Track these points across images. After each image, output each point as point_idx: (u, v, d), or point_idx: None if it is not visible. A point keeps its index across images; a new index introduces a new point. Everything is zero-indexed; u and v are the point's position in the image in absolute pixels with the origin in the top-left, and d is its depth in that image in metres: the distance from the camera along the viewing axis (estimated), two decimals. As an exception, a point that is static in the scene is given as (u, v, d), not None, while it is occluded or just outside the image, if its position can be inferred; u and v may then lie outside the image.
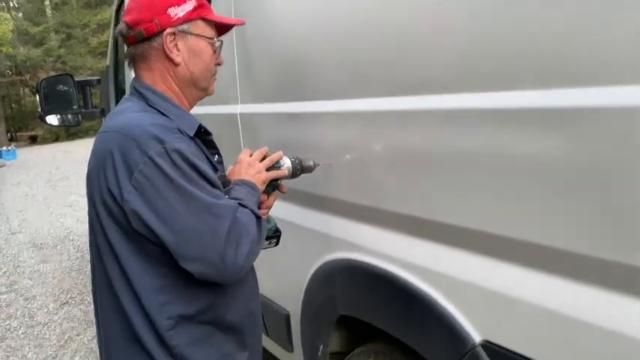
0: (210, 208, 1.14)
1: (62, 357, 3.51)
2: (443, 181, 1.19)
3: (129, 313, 1.19)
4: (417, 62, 1.21)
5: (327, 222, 1.65)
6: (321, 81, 1.57)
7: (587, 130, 0.88)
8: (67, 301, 4.44)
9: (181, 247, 1.13)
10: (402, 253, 1.35)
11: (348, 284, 1.57)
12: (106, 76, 4.21)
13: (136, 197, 1.12)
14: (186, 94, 1.33)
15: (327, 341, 1.70)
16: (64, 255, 5.75)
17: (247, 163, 1.40)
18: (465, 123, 1.11)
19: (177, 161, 1.13)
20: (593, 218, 0.90)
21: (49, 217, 7.61)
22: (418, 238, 1.30)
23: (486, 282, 1.12)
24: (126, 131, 1.15)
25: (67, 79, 3.91)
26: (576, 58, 0.89)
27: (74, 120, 4.05)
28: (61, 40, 22.59)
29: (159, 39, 1.26)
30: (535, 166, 0.98)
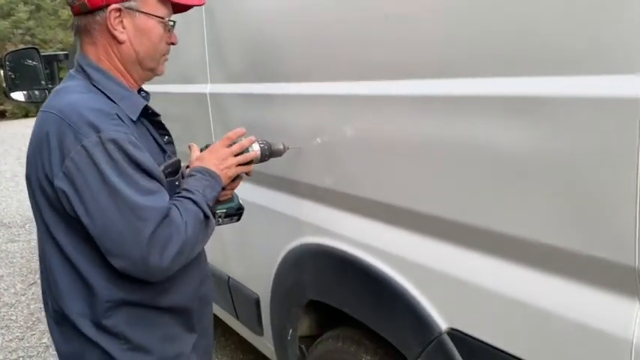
0: (136, 209, 1.10)
1: (29, 338, 3.45)
2: (413, 168, 1.18)
3: (67, 294, 1.18)
4: (390, 46, 1.19)
5: (298, 206, 1.63)
6: (293, 62, 1.53)
7: (563, 121, 0.87)
8: (35, 282, 4.36)
9: (104, 240, 1.11)
10: (371, 239, 1.34)
11: (318, 269, 1.56)
12: (74, 51, 4.08)
13: (65, 184, 1.09)
14: (131, 73, 1.26)
15: (297, 325, 1.69)
16: (32, 234, 5.62)
17: (220, 156, 1.34)
18: (437, 109, 1.10)
19: (112, 152, 1.09)
20: (559, 208, 0.90)
21: (17, 195, 7.43)
22: (387, 225, 1.29)
23: (454, 270, 1.12)
24: (64, 115, 1.10)
25: (33, 53, 3.78)
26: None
27: (41, 96, 3.93)
28: (29, 11, 21.86)
29: (102, 13, 1.18)
30: (504, 153, 0.97)
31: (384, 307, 1.29)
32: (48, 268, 1.20)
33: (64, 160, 1.08)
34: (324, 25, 1.38)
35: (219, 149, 1.36)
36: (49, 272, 1.21)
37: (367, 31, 1.24)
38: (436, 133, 1.10)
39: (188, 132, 2.01)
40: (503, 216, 1.00)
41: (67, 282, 1.18)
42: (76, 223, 1.13)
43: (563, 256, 0.91)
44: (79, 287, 1.17)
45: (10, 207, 6.83)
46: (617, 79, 0.78)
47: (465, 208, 1.07)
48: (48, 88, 3.93)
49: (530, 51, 0.90)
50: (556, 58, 0.87)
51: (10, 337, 3.48)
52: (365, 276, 1.34)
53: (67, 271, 1.17)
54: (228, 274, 2.14)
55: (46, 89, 3.92)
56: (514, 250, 1.00)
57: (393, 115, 1.21)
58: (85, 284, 1.17)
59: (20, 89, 3.85)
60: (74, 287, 1.18)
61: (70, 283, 1.18)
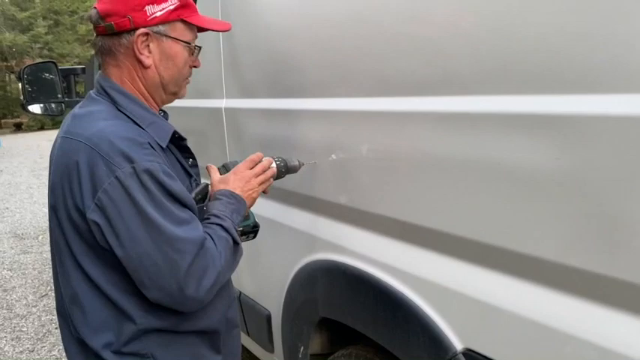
0: (173, 241, 1.07)
1: (40, 350, 3.45)
2: (429, 186, 1.16)
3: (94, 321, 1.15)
4: (407, 63, 1.19)
5: (311, 222, 1.62)
6: (309, 78, 1.53)
7: (580, 138, 0.86)
8: (47, 294, 4.37)
9: (139, 273, 1.09)
10: (386, 257, 1.32)
11: (331, 286, 1.54)
12: (92, 65, 4.14)
13: (98, 216, 1.06)
14: (154, 97, 1.24)
15: (308, 343, 1.67)
16: (45, 246, 5.66)
17: (244, 178, 1.33)
18: (455, 127, 1.09)
19: (147, 183, 1.06)
20: (579, 229, 0.88)
21: (31, 207, 7.49)
22: (403, 243, 1.28)
23: (470, 290, 1.10)
24: (93, 144, 1.07)
25: (51, 66, 3.83)
26: (572, 65, 0.87)
27: (57, 109, 3.97)
28: (48, 26, 22.27)
29: (129, 37, 1.16)
30: (524, 173, 0.95)
31: (399, 326, 1.27)
32: (73, 296, 1.16)
33: (96, 192, 1.05)
34: (341, 40, 1.38)
35: (243, 171, 1.34)
36: (74, 300, 1.16)
37: (384, 46, 1.24)
38: (454, 151, 1.09)
39: (202, 146, 2.01)
40: (521, 235, 0.98)
41: (95, 308, 1.14)
42: (107, 254, 1.10)
43: (581, 277, 0.89)
44: (108, 314, 1.14)
45: (24, 218, 6.88)
46: (637, 98, 0.77)
47: (483, 226, 1.05)
48: (64, 101, 3.97)
49: (549, 69, 0.89)
50: (575, 76, 0.86)
51: (21, 349, 3.48)
52: (379, 294, 1.32)
53: (97, 298, 1.14)
54: (239, 290, 2.13)
55: (62, 102, 3.96)
56: (532, 271, 0.98)
57: (409, 131, 1.20)
58: (116, 311, 1.14)
59: (37, 102, 3.89)
60: (103, 314, 1.14)
61: (98, 310, 1.14)
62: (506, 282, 1.03)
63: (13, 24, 22.33)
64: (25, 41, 21.64)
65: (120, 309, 1.14)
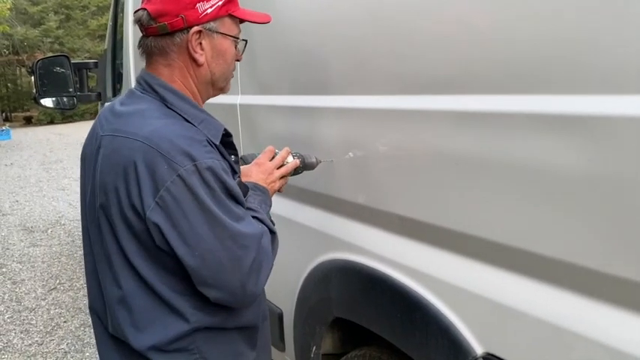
0: (238, 237, 1.09)
1: (48, 344, 3.46)
2: (448, 185, 1.14)
3: (143, 319, 1.14)
4: (424, 61, 1.17)
5: (326, 220, 1.60)
6: (325, 75, 1.52)
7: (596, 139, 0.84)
8: (56, 287, 4.39)
9: (201, 272, 1.08)
10: (403, 257, 1.30)
11: (345, 286, 1.52)
12: (104, 60, 4.13)
13: (159, 215, 1.05)
14: (202, 93, 1.24)
15: (320, 342, 1.66)
16: (54, 239, 5.68)
17: (266, 170, 1.36)
18: (475, 126, 1.07)
19: (209, 181, 1.06)
20: (601, 232, 0.86)
21: (40, 200, 7.53)
22: (421, 243, 1.26)
23: (491, 292, 1.08)
24: (152, 143, 1.06)
25: (64, 60, 3.82)
26: (582, 65, 0.84)
27: (69, 103, 3.97)
28: (59, 20, 22.37)
29: (183, 35, 1.16)
30: (544, 173, 0.93)
31: (416, 327, 1.25)
32: (121, 296, 1.14)
33: (158, 190, 1.04)
34: (358, 37, 1.36)
35: (264, 163, 1.37)
36: (121, 300, 1.14)
37: (402, 44, 1.22)
38: (473, 151, 1.06)
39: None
40: (543, 238, 0.96)
41: (146, 308, 1.13)
42: (162, 254, 1.09)
43: (605, 281, 0.87)
44: (159, 314, 1.13)
45: (33, 212, 6.92)
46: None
47: (504, 228, 1.03)
48: (77, 95, 3.97)
49: (575, 68, 0.87)
50: (600, 76, 0.83)
51: (30, 342, 3.49)
52: (396, 295, 1.30)
53: (148, 298, 1.13)
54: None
55: (74, 96, 3.96)
56: (554, 274, 0.96)
57: (427, 130, 1.18)
58: (168, 310, 1.13)
59: (49, 96, 3.89)
60: (153, 314, 1.13)
61: (149, 310, 1.13)
62: (528, 285, 1.01)
63: (25, 18, 22.47)
64: (37, 35, 21.77)
65: (172, 307, 1.13)
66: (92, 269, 1.23)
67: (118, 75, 3.78)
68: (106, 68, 4.05)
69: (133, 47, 3.19)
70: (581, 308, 0.92)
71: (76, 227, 5.99)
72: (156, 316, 1.13)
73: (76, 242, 5.50)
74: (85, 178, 1.23)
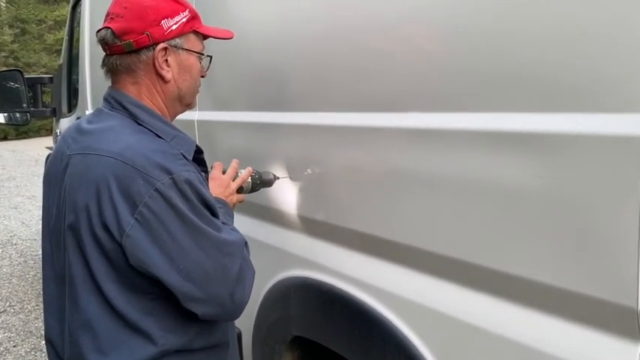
0: (222, 246, 1.09)
1: (-4, 370, 3.30)
2: (406, 202, 1.15)
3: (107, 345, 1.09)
4: (384, 78, 1.18)
5: (285, 237, 1.59)
6: (283, 92, 1.52)
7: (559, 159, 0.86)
8: (5, 310, 4.20)
9: (187, 286, 1.06)
10: (362, 273, 1.30)
11: (304, 303, 1.51)
12: (59, 75, 4.04)
13: (140, 232, 1.03)
14: (170, 110, 1.24)
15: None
16: (5, 260, 5.45)
17: (222, 183, 1.36)
18: (428, 142, 1.08)
19: (188, 193, 1.06)
20: (558, 247, 0.88)
21: (-9, 219, 7.22)
22: (379, 259, 1.26)
23: (447, 309, 1.09)
24: (126, 159, 1.04)
25: (16, 75, 3.73)
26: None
27: (22, 119, 3.87)
28: (14, 34, 21.79)
29: (149, 53, 1.16)
30: (503, 190, 0.95)
31: (374, 345, 1.25)
32: (84, 320, 1.09)
33: (136, 207, 1.02)
34: (318, 54, 1.37)
35: (219, 176, 1.37)
36: (85, 325, 1.10)
37: (362, 61, 1.23)
38: (432, 168, 1.08)
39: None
40: (500, 254, 0.97)
41: (110, 332, 1.09)
42: (132, 274, 1.06)
43: (561, 297, 0.89)
44: (125, 338, 1.09)
45: (-18, 231, 6.62)
46: (619, 118, 0.77)
47: (461, 244, 1.04)
48: (30, 111, 3.87)
49: (532, 86, 0.89)
50: (558, 94, 0.86)
51: (-25, 369, 3.32)
52: (354, 312, 1.30)
53: (113, 321, 1.09)
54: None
55: (28, 112, 3.85)
56: (511, 290, 0.97)
57: (386, 147, 1.19)
58: (135, 333, 1.09)
59: (1, 111, 3.78)
60: (118, 338, 1.09)
61: (113, 334, 1.09)
62: (486, 301, 1.02)
63: (-22, 31, 21.75)
64: (-10, 49, 21.07)
65: (139, 330, 1.09)
66: (53, 294, 1.18)
67: (74, 90, 3.69)
68: (62, 83, 3.96)
69: (90, 62, 3.13)
70: (541, 324, 0.93)
71: (29, 247, 5.77)
72: (122, 339, 1.09)
73: (28, 263, 5.30)
74: (49, 200, 1.19)
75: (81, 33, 3.31)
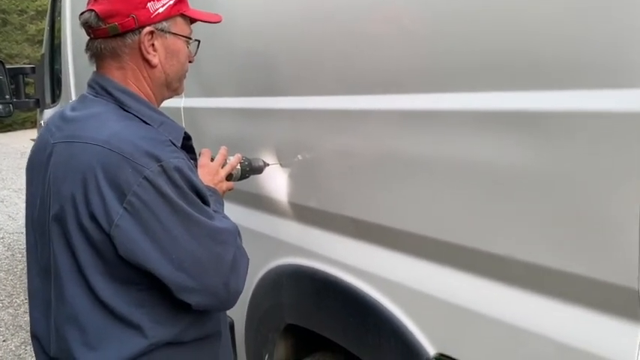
0: (215, 234, 1.07)
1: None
2: (398, 186, 1.13)
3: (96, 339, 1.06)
4: (373, 59, 1.15)
5: (277, 225, 1.57)
6: (272, 76, 1.48)
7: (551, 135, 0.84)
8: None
9: (180, 277, 1.03)
10: (355, 260, 1.29)
11: (297, 291, 1.49)
12: (42, 65, 3.96)
13: (129, 222, 1.00)
14: (157, 96, 1.20)
15: (273, 350, 1.61)
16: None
17: (211, 171, 1.33)
18: (426, 125, 1.06)
19: (177, 181, 1.03)
20: (558, 229, 0.86)
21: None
22: (372, 245, 1.24)
23: (443, 293, 1.07)
24: (113, 147, 1.01)
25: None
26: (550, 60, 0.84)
27: (5, 110, 3.79)
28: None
29: (134, 36, 1.11)
30: (500, 171, 0.93)
31: (369, 331, 1.23)
32: (71, 314, 1.06)
33: (124, 196, 0.99)
34: (306, 36, 1.34)
35: (207, 164, 1.34)
36: (71, 319, 1.06)
37: (351, 42, 1.20)
38: (426, 150, 1.06)
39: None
40: (498, 237, 0.95)
41: (98, 326, 1.05)
42: (121, 266, 1.03)
43: (561, 279, 0.87)
44: (113, 331, 1.05)
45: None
46: (621, 93, 0.75)
47: (457, 228, 1.02)
48: (13, 102, 3.80)
49: (529, 63, 0.86)
50: (556, 70, 0.83)
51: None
52: (348, 299, 1.28)
53: (101, 314, 1.05)
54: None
55: (10, 103, 3.78)
56: (508, 273, 0.96)
57: (379, 130, 1.17)
58: (124, 326, 1.05)
59: (-18, 102, 3.70)
60: (107, 331, 1.05)
61: (102, 328, 1.05)
62: (480, 285, 1.01)
63: (-42, 23, 21.36)
64: (-29, 41, 20.71)
65: (129, 323, 1.06)
66: (38, 287, 1.15)
67: (57, 81, 3.63)
68: (45, 74, 3.88)
69: (72, 52, 3.06)
70: (539, 307, 0.91)
71: (16, 240, 5.70)
72: (111, 333, 1.06)
73: (15, 256, 5.23)
74: (32, 191, 1.15)
75: (62, 22, 3.24)
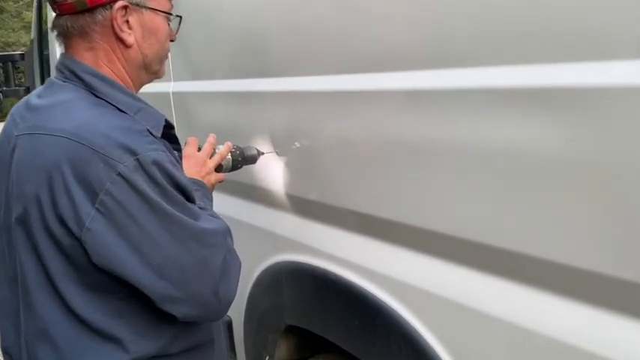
0: (201, 236, 0.96)
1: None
2: (408, 177, 1.02)
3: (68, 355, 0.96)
4: (375, 34, 1.04)
5: (274, 218, 1.46)
6: (267, 56, 1.36)
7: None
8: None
9: (162, 285, 0.92)
10: (360, 257, 1.18)
11: (297, 290, 1.39)
12: (31, 51, 3.84)
13: (103, 225, 0.89)
14: (134, 79, 1.07)
15: (274, 352, 1.52)
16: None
17: (198, 162, 1.21)
18: (435, 105, 0.94)
19: (156, 176, 0.91)
20: (581, 222, 0.76)
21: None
22: (381, 242, 1.13)
23: (459, 296, 0.97)
24: (82, 139, 0.89)
25: (-16, 53, 3.54)
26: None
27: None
28: (-9, 13, 21.23)
29: (106, 12, 0.99)
30: (522, 160, 0.82)
31: (377, 336, 1.13)
32: (42, 329, 0.96)
33: (96, 195, 0.88)
34: (301, 11, 1.21)
35: (193, 154, 1.22)
36: (42, 334, 0.96)
37: (350, 16, 1.08)
38: (437, 135, 0.94)
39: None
40: (515, 232, 0.85)
41: (72, 340, 0.95)
42: (95, 273, 0.92)
43: (585, 280, 0.78)
44: (90, 345, 0.95)
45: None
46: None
47: (475, 223, 0.91)
48: (2, 90, 3.70)
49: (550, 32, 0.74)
50: (588, 39, 0.71)
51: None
52: (353, 300, 1.18)
53: (75, 328, 0.95)
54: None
55: (0, 92, 3.69)
56: (528, 274, 0.86)
57: (384, 113, 1.05)
58: (101, 340, 0.95)
59: (-30, 91, 3.61)
60: (83, 346, 0.96)
61: (76, 342, 0.95)
62: (496, 285, 0.91)
63: (-47, 11, 21.21)
64: (-33, 29, 20.56)
65: (107, 336, 0.95)
66: (7, 297, 1.03)
67: (47, 66, 3.51)
68: (34, 60, 3.76)
69: (60, 35, 2.94)
70: (561, 312, 0.82)
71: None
72: (87, 347, 0.95)
73: None
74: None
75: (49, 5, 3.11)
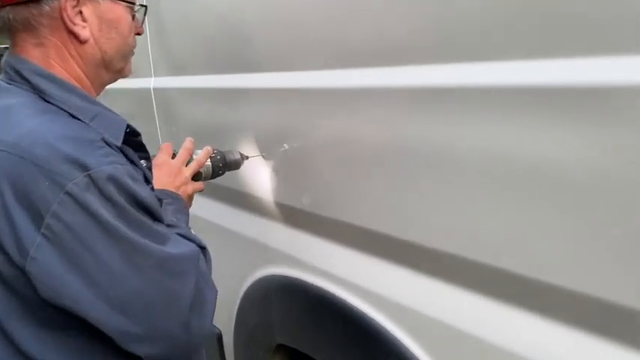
0: (168, 263, 0.83)
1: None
2: (408, 186, 0.90)
3: None
4: (375, 25, 0.91)
5: (263, 228, 1.35)
6: (253, 49, 1.24)
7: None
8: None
9: (121, 322, 0.80)
10: (353, 274, 1.08)
11: (287, 308, 1.29)
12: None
13: (50, 253, 0.77)
14: (92, 79, 0.95)
15: (266, 370, 1.41)
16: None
17: (171, 170, 1.08)
18: (442, 104, 0.82)
19: (113, 195, 0.79)
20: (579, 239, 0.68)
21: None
22: (378, 258, 1.02)
23: (459, 320, 0.88)
24: (24, 152, 0.78)
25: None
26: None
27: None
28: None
29: (53, 2, 0.87)
30: (536, 169, 0.71)
31: (372, 357, 1.03)
32: None
33: (41, 218, 0.76)
34: (290, 1, 1.10)
35: (166, 162, 1.10)
36: None
37: (342, 8, 0.97)
38: (445, 139, 0.82)
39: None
40: (521, 254, 0.76)
41: None
42: (48, 308, 0.80)
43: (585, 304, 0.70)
44: None
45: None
46: None
47: (476, 241, 0.81)
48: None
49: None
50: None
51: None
52: (348, 320, 1.08)
53: None
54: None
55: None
56: (526, 296, 0.78)
57: (384, 113, 0.93)
58: None
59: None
60: None
61: None
62: (502, 311, 0.82)
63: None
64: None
65: None
66: None
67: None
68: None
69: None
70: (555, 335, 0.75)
71: None
72: None
73: None
74: None
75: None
